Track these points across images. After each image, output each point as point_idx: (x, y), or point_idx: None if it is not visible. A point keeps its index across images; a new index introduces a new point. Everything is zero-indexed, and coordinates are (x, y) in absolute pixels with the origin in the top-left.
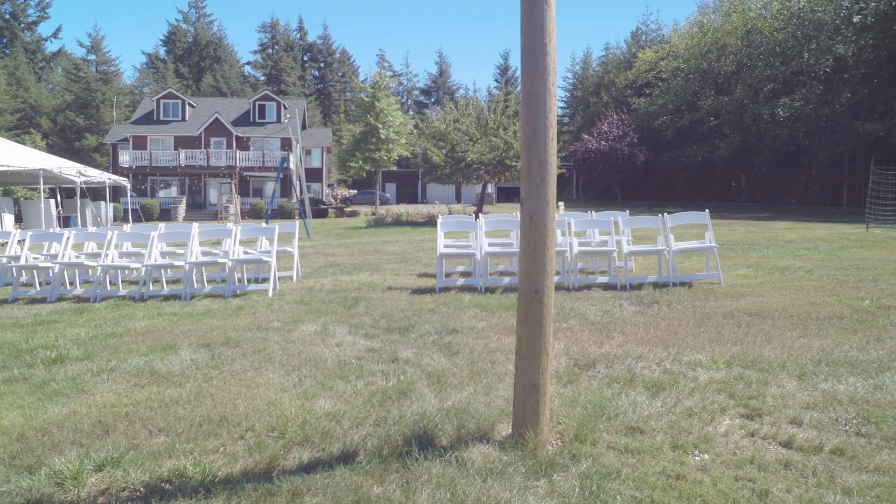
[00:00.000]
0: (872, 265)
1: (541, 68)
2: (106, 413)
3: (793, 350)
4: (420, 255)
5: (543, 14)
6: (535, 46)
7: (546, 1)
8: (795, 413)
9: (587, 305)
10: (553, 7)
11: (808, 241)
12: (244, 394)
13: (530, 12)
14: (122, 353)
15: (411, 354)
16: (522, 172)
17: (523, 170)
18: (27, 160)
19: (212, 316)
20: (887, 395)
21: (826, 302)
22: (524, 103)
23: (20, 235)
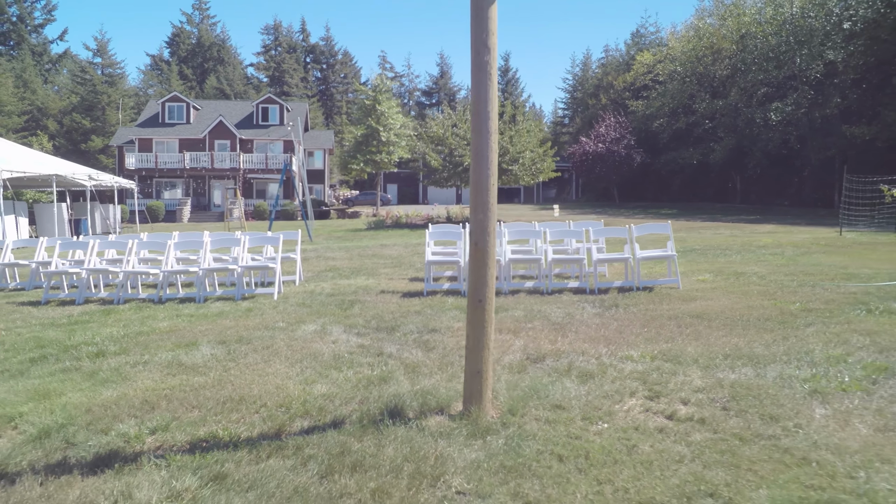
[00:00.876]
0: (822, 270)
1: (484, 131)
2: (149, 394)
3: (712, 347)
4: (414, 259)
5: (487, 89)
6: (480, 114)
7: (489, 77)
8: (686, 395)
9: (554, 308)
10: (495, 82)
11: (779, 245)
12: (257, 380)
13: (476, 88)
14: (152, 349)
15: (394, 350)
16: (470, 209)
17: (471, 208)
18: (42, 165)
19: (224, 317)
20: (761, 381)
21: (762, 305)
22: (473, 156)
23: (48, 243)
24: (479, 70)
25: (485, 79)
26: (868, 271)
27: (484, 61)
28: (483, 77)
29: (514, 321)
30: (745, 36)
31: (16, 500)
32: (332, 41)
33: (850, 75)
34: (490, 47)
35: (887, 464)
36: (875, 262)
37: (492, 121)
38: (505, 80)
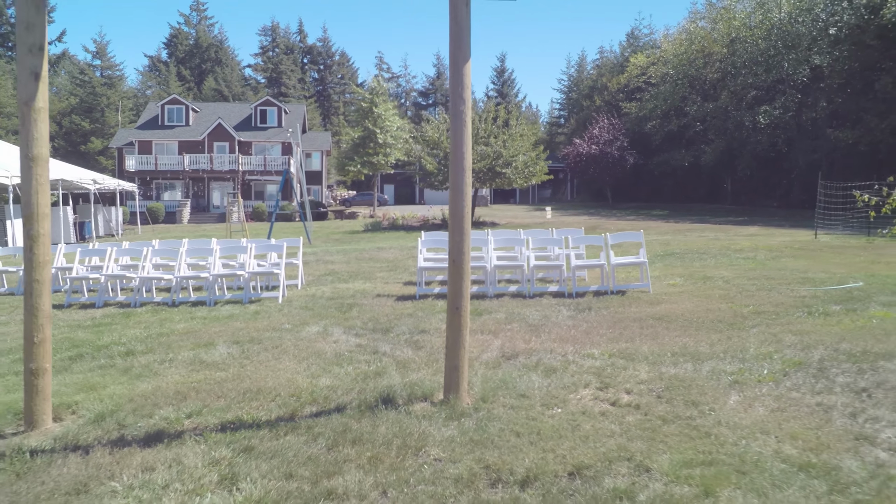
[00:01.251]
0: (784, 275)
1: (460, 169)
2: (179, 387)
3: (664, 346)
4: (409, 262)
5: (462, 134)
6: (457, 154)
7: (464, 125)
8: (631, 386)
9: (533, 311)
10: (469, 128)
11: (755, 249)
12: (270, 375)
13: (454, 132)
14: (175, 348)
15: (388, 349)
16: (449, 231)
17: (449, 230)
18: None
19: (235, 319)
20: (695, 375)
21: (719, 308)
22: (451, 188)
23: (66, 249)
24: (455, 118)
25: (461, 125)
26: (824, 275)
27: (459, 110)
28: (459, 124)
29: (495, 323)
30: (734, 40)
31: (93, 465)
32: (330, 42)
33: (836, 80)
34: (465, 99)
35: (765, 434)
36: (835, 266)
37: (466, 160)
38: (501, 80)
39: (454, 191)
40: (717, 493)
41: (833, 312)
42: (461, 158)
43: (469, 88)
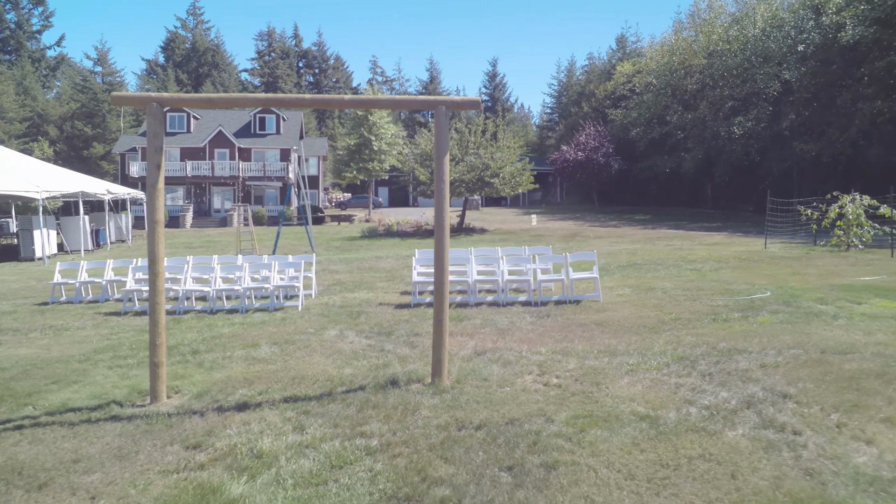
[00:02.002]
0: (714, 287)
1: (440, 225)
2: (245, 375)
3: (594, 345)
4: (404, 272)
5: (443, 199)
6: (439, 213)
7: (444, 198)
8: (560, 373)
9: (503, 317)
10: (447, 199)
11: (705, 260)
12: (308, 367)
13: (438, 199)
14: (229, 348)
15: (391, 347)
16: (435, 264)
17: (435, 263)
18: (71, 184)
19: (267, 325)
20: (606, 366)
21: (648, 315)
22: (436, 239)
23: (114, 264)
24: (439, 193)
25: (442, 199)
26: (745, 286)
27: (441, 188)
28: (441, 198)
29: (472, 327)
30: (713, 53)
31: (210, 421)
32: (325, 46)
33: (804, 94)
34: (445, 180)
35: (632, 401)
36: (761, 277)
37: (446, 219)
38: (493, 84)
39: (438, 246)
40: (588, 431)
41: (732, 319)
42: (442, 212)
43: (447, 174)
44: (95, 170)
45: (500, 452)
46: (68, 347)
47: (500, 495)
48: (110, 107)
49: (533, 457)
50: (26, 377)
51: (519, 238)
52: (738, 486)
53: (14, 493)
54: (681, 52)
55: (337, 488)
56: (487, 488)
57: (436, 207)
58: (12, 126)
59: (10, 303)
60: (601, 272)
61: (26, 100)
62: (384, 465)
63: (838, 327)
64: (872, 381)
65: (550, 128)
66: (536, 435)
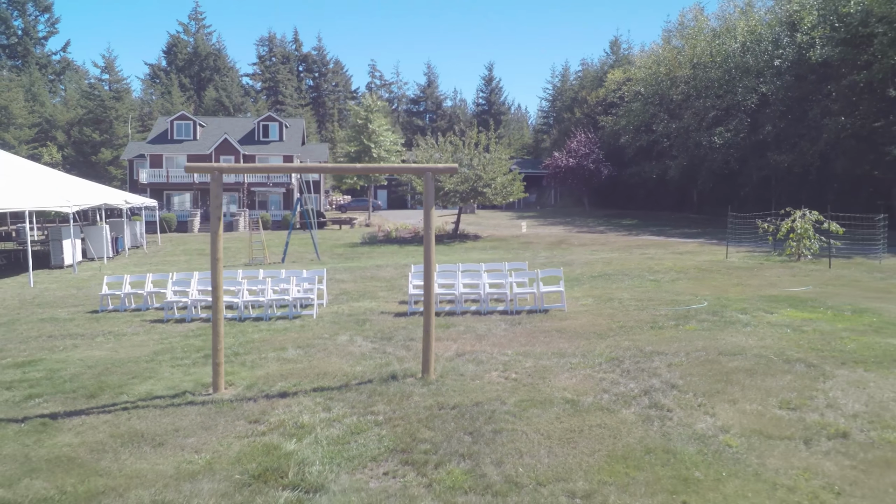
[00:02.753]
0: (664, 297)
1: (428, 274)
2: (279, 372)
3: (550, 348)
4: (402, 282)
5: (429, 246)
6: (427, 264)
7: (430, 242)
8: (518, 370)
9: (483, 325)
10: (433, 247)
11: (667, 270)
12: (327, 365)
13: (426, 245)
14: (262, 351)
15: (391, 350)
16: (424, 289)
17: (424, 288)
18: (94, 197)
19: (289, 331)
20: (553, 364)
21: (601, 324)
22: (424, 275)
23: (153, 277)
24: (427, 239)
25: (429, 242)
26: (690, 297)
27: (429, 233)
28: (428, 241)
29: (456, 333)
30: (696, 65)
31: (261, 405)
32: (324, 51)
33: (779, 107)
34: (431, 227)
35: (564, 389)
36: (709, 288)
37: (432, 258)
38: (489, 88)
39: (426, 282)
40: (528, 410)
41: (666, 326)
42: (429, 263)
43: (433, 222)
44: (104, 174)
45: (466, 423)
46: (131, 350)
47: (461, 448)
48: (118, 113)
49: (487, 426)
50: (110, 374)
51: (509, 245)
52: (616, 441)
53: (144, 448)
54: (667, 63)
55: (356, 445)
56: (454, 444)
57: (425, 246)
58: (22, 132)
59: (65, 310)
60: (574, 283)
61: (35, 105)
62: (387, 432)
63: (743, 334)
64: (741, 375)
65: (545, 131)
66: (492, 412)
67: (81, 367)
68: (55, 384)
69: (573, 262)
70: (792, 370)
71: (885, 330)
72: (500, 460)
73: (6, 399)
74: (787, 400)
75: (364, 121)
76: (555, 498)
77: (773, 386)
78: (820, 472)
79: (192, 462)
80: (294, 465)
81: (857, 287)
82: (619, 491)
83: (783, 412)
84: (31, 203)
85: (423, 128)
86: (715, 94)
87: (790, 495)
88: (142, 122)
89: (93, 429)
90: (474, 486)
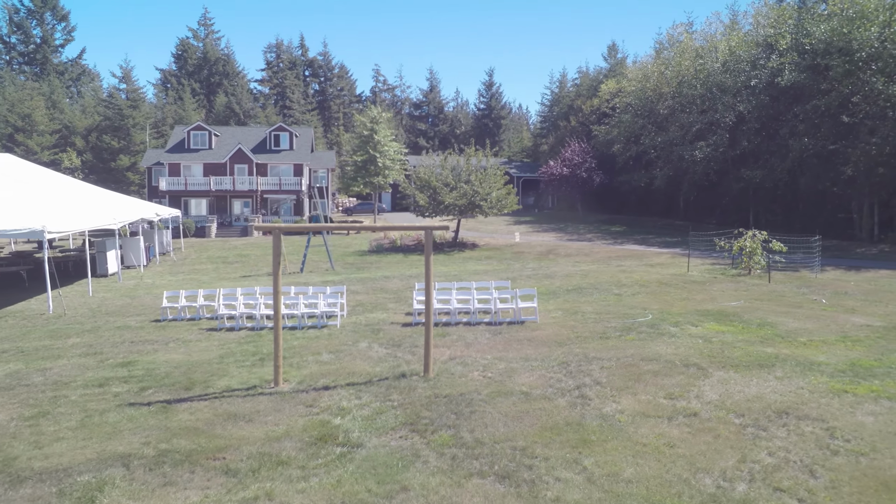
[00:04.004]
0: (621, 311)
1: (428, 301)
2: (320, 371)
3: (520, 354)
4: (407, 293)
5: (429, 289)
6: (427, 294)
7: (429, 287)
8: (493, 370)
9: (471, 334)
10: (432, 288)
11: (633, 284)
12: (355, 366)
13: (427, 297)
14: (303, 355)
15: (401, 355)
16: (425, 314)
17: (425, 307)
18: (134, 212)
19: (320, 339)
20: (520, 367)
21: (563, 334)
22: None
23: (205, 292)
24: (427, 289)
25: (429, 290)
26: (639, 311)
27: (428, 286)
28: (428, 289)
29: (451, 341)
30: (681, 83)
31: (312, 395)
32: (330, 56)
33: (754, 125)
34: (430, 281)
35: (522, 384)
36: (660, 302)
37: (431, 298)
38: (489, 94)
39: (426, 310)
40: (495, 398)
41: (612, 337)
42: (429, 303)
43: (432, 278)
44: (122, 179)
45: (452, 407)
46: (201, 354)
47: (448, 422)
48: (135, 121)
49: (466, 409)
50: (193, 372)
51: (502, 255)
52: (548, 419)
53: (239, 422)
54: (654, 79)
55: (380, 420)
56: (444, 419)
57: (426, 292)
58: (43, 138)
59: (133, 319)
60: (550, 296)
61: (54, 112)
62: (400, 412)
63: (666, 344)
64: (649, 375)
65: (543, 135)
66: (470, 400)
67: (169, 367)
68: (156, 379)
69: (555, 275)
70: (685, 372)
71: (770, 341)
72: (473, 429)
73: (129, 390)
74: (671, 392)
75: (370, 132)
76: (503, 450)
77: (667, 383)
78: (667, 435)
79: (274, 431)
80: (341, 432)
81: (778, 302)
82: (542, 447)
83: (665, 401)
84: (89, 224)
85: (425, 131)
86: (698, 109)
87: (643, 448)
88: (156, 128)
89: (199, 410)
90: (455, 444)
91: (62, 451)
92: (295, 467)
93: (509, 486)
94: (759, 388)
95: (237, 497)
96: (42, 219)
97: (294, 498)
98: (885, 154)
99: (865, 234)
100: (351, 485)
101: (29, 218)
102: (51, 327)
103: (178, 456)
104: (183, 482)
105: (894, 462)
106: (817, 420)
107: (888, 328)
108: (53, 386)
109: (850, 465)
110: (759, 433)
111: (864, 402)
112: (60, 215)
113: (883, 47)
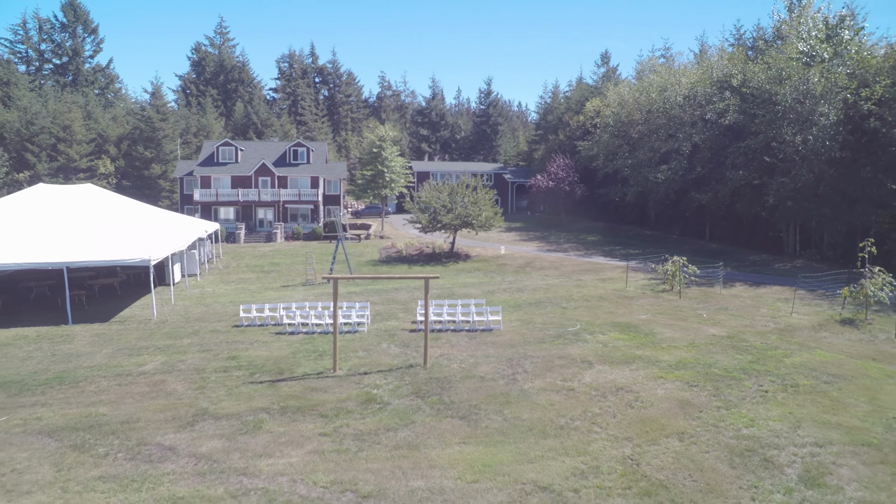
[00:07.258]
0: (560, 322)
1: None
2: (359, 364)
3: (485, 352)
4: (412, 305)
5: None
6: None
7: (427, 322)
8: (466, 363)
9: (455, 338)
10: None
11: (579, 298)
12: (381, 360)
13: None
14: (346, 352)
15: (410, 353)
16: (424, 316)
17: (424, 316)
18: (193, 234)
19: (354, 342)
20: (482, 362)
21: (516, 339)
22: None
23: (270, 305)
24: (425, 312)
25: (427, 313)
26: (573, 322)
27: (426, 308)
28: (427, 318)
29: (440, 344)
30: (650, 111)
31: (358, 377)
32: (338, 63)
33: (706, 154)
34: (428, 309)
35: (488, 373)
36: (592, 314)
37: (428, 319)
38: (487, 101)
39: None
40: (464, 380)
41: (547, 341)
42: (427, 322)
43: (429, 314)
44: (154, 187)
45: (439, 384)
46: (278, 351)
47: (437, 392)
48: (165, 133)
49: (448, 385)
50: (279, 363)
51: (488, 266)
52: (491, 390)
53: (319, 393)
54: (629, 105)
55: (398, 391)
56: (434, 390)
57: (425, 311)
58: (81, 147)
59: (219, 324)
60: (514, 308)
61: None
62: (410, 388)
63: (578, 347)
64: (558, 368)
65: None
66: (450, 380)
67: (262, 360)
68: (258, 368)
69: (525, 289)
70: (580, 366)
71: (644, 346)
72: (450, 395)
73: (243, 374)
74: (565, 377)
75: (378, 149)
76: (465, 406)
77: (566, 373)
78: (552, 400)
79: (340, 396)
80: (378, 397)
81: (672, 315)
82: (485, 405)
83: (560, 382)
84: (172, 248)
85: (427, 137)
86: (663, 136)
87: (537, 405)
88: (181, 136)
89: (293, 386)
90: (439, 403)
91: (229, 406)
92: (356, 414)
93: (465, 422)
94: (616, 376)
95: (331, 425)
96: (146, 249)
97: (360, 425)
98: (791, 190)
99: (790, 251)
100: (386, 422)
101: (135, 248)
102: (164, 330)
103: (293, 408)
104: (301, 420)
105: (657, 412)
106: (633, 392)
107: (725, 337)
108: (195, 371)
109: (634, 413)
110: (600, 399)
111: (666, 383)
112: (152, 242)
113: (794, 105)
